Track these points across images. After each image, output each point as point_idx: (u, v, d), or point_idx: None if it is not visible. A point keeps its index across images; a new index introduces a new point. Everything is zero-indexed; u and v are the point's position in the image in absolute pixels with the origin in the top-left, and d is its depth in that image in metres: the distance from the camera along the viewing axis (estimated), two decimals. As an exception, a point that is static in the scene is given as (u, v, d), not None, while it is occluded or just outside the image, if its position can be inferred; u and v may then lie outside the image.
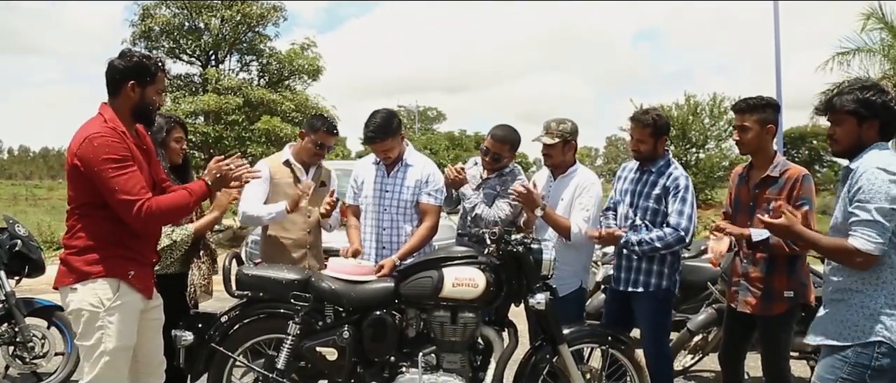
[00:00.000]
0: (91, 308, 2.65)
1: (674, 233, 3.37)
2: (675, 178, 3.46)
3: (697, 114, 21.95)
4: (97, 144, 2.57)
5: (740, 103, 3.25)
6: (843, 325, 2.44)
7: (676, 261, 3.53)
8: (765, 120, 3.18)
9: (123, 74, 2.69)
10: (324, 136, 3.78)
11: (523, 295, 3.25)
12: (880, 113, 2.43)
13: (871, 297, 2.39)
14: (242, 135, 15.84)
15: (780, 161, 3.20)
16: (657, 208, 3.46)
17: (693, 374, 4.89)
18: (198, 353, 3.23)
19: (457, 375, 3.17)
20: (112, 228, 2.67)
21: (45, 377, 4.39)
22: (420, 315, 3.23)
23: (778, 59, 13.02)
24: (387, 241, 3.66)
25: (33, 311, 4.41)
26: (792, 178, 3.11)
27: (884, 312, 2.36)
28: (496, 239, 3.30)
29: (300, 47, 17.58)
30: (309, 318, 3.22)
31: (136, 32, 16.68)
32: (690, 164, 21.48)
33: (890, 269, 2.37)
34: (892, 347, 2.35)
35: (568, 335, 3.32)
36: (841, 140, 2.52)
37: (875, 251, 2.31)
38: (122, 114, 2.72)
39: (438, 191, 3.69)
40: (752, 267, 3.25)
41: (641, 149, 3.52)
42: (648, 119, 3.49)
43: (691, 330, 4.44)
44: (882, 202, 2.30)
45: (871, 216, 2.31)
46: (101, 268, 2.66)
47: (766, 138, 3.21)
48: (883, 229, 2.30)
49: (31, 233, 4.54)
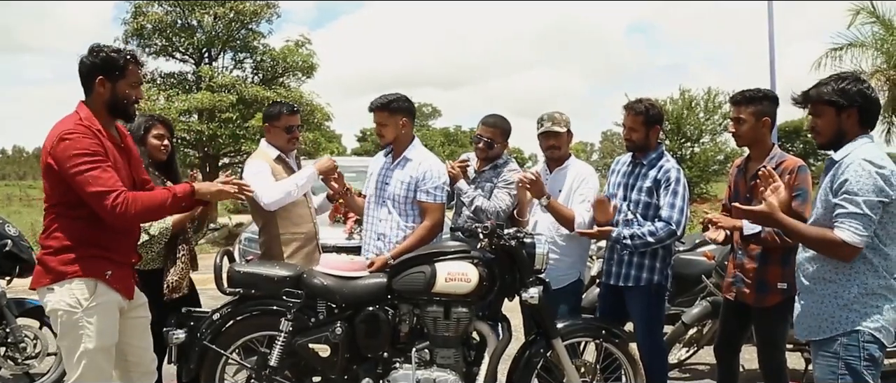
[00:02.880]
0: (68, 308, 2.62)
1: (665, 228, 3.35)
2: (666, 171, 3.44)
3: (692, 109, 22.01)
4: (69, 142, 2.54)
5: (737, 95, 3.27)
6: (820, 319, 2.47)
7: (668, 255, 3.52)
8: (761, 112, 3.19)
9: (91, 70, 2.66)
10: (288, 119, 3.74)
11: (517, 290, 3.24)
12: (857, 100, 2.45)
13: (845, 287, 2.41)
14: (236, 133, 15.81)
15: (776, 153, 3.22)
16: (649, 201, 3.45)
17: (688, 367, 4.89)
18: (190, 351, 3.21)
19: (450, 370, 3.15)
20: (88, 228, 2.63)
21: (38, 377, 4.36)
22: (413, 310, 3.21)
23: (772, 55, 13.01)
24: (382, 232, 3.64)
25: (25, 312, 4.37)
26: (787, 170, 3.11)
27: (858, 301, 2.39)
28: (489, 233, 3.29)
29: (295, 44, 17.54)
30: (301, 315, 3.20)
31: (128, 30, 16.64)
32: (685, 158, 21.53)
33: (863, 260, 2.39)
34: (873, 335, 2.38)
35: (562, 329, 3.31)
36: (823, 131, 2.53)
37: (860, 244, 2.32)
38: (97, 111, 2.68)
39: (438, 188, 3.57)
40: (746, 258, 3.26)
41: (633, 137, 3.51)
42: (641, 107, 3.48)
43: (686, 324, 4.45)
44: (870, 195, 2.31)
45: (859, 209, 2.31)
46: (76, 267, 2.62)
47: (763, 131, 3.22)
48: (869, 222, 2.32)
49: (22, 233, 4.50)
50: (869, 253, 2.38)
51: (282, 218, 3.67)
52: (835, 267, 2.43)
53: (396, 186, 3.61)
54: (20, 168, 69.74)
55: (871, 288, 2.39)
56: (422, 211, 3.59)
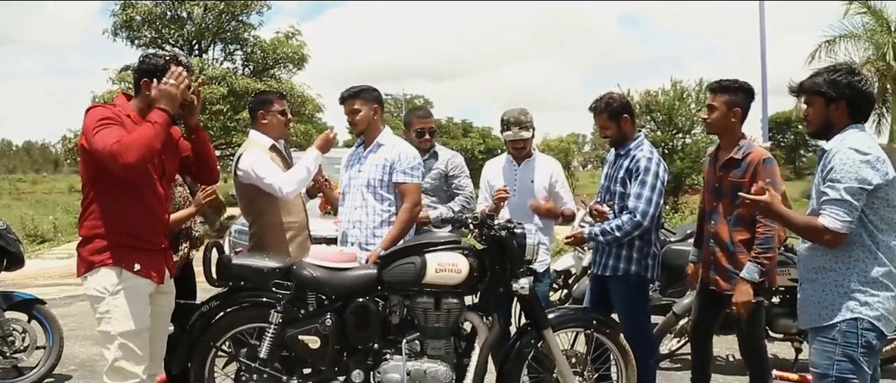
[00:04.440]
0: (97, 293, 2.76)
1: (630, 220, 3.33)
2: (636, 160, 3.42)
3: (684, 100, 21.99)
4: (92, 112, 2.73)
5: (713, 83, 3.35)
6: (820, 306, 2.50)
7: (647, 245, 3.46)
8: (733, 102, 3.25)
9: (139, 74, 2.89)
10: (280, 102, 3.76)
11: (507, 281, 3.23)
12: (846, 93, 2.48)
13: (844, 275, 2.45)
14: (227, 125, 15.74)
15: (744, 143, 3.26)
16: (623, 191, 3.45)
17: (679, 357, 4.90)
18: (179, 343, 3.19)
19: (441, 361, 3.15)
20: (119, 213, 2.76)
21: (27, 371, 4.34)
22: (403, 301, 3.20)
23: (763, 47, 13.08)
24: (357, 219, 3.67)
25: (13, 305, 4.35)
26: (754, 162, 3.17)
27: (857, 290, 2.42)
28: (479, 224, 3.28)
29: (285, 36, 17.45)
30: (291, 306, 3.19)
31: (117, 22, 16.50)
32: (677, 150, 21.54)
33: (861, 248, 2.42)
34: (872, 323, 2.40)
35: (552, 320, 3.31)
36: (812, 120, 2.59)
37: (842, 229, 2.36)
38: (141, 107, 2.85)
39: (414, 168, 3.66)
40: (717, 247, 3.32)
41: (608, 134, 3.57)
42: (602, 104, 3.51)
43: (677, 314, 4.46)
44: (851, 181, 2.35)
45: (839, 195, 2.36)
46: (105, 256, 2.75)
47: (733, 121, 3.27)
48: (851, 208, 2.35)
49: (10, 226, 4.47)
50: (867, 239, 2.42)
51: (280, 207, 3.63)
52: (834, 256, 2.45)
53: (371, 170, 3.66)
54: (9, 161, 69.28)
55: (870, 277, 2.42)
56: (400, 193, 3.65)
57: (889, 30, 14.30)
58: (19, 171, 50.02)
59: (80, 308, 6.90)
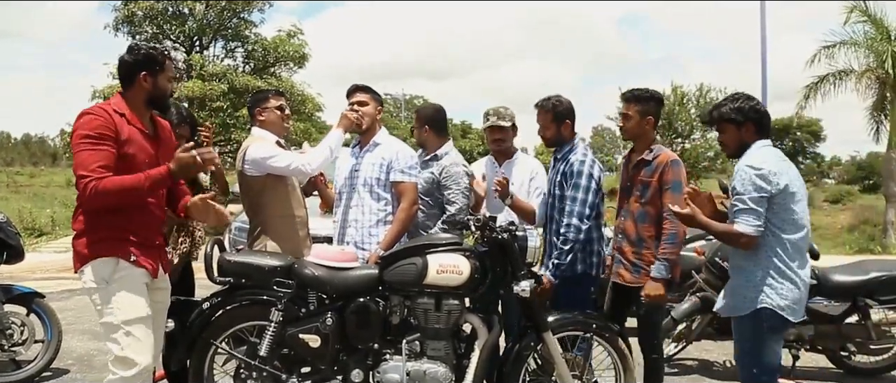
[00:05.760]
0: (94, 284, 2.74)
1: (567, 230, 3.44)
2: (570, 164, 3.52)
3: (684, 105, 22.01)
4: (81, 121, 2.68)
5: (626, 93, 3.57)
6: (736, 298, 2.93)
7: (589, 243, 3.53)
8: (645, 111, 3.49)
9: (134, 67, 2.82)
10: (276, 98, 3.77)
11: (508, 283, 3.24)
12: (751, 115, 2.92)
13: (753, 272, 2.87)
14: (227, 122, 15.73)
15: (655, 147, 3.48)
16: (561, 194, 3.55)
17: (677, 362, 4.92)
18: (179, 340, 3.19)
19: (441, 362, 3.15)
20: (112, 212, 2.72)
21: (25, 364, 4.34)
22: (404, 301, 3.21)
23: (764, 51, 13.13)
24: (354, 218, 3.69)
25: (12, 298, 4.35)
26: (662, 163, 3.40)
27: (764, 283, 2.84)
28: (481, 225, 3.29)
29: (286, 34, 17.46)
30: (292, 305, 3.19)
31: (118, 17, 16.48)
32: (677, 154, 21.56)
33: (766, 249, 2.83)
34: (773, 311, 2.82)
35: (552, 323, 3.32)
36: (728, 144, 3.00)
37: (754, 232, 2.79)
38: (136, 104, 2.83)
39: (411, 167, 3.69)
40: (625, 242, 3.51)
41: (545, 135, 3.67)
42: (549, 104, 3.62)
43: (675, 319, 4.48)
44: (752, 192, 2.77)
45: (745, 205, 2.78)
46: (98, 249, 2.74)
47: (646, 128, 3.51)
48: (758, 214, 2.77)
49: (10, 219, 4.46)
50: (771, 240, 2.82)
51: (286, 200, 3.63)
52: (744, 256, 2.89)
53: (368, 169, 3.68)
54: (7, 154, 69.07)
55: (774, 272, 2.83)
56: (398, 192, 3.67)
57: (889, 38, 14.31)
58: (17, 164, 49.79)
59: (78, 302, 6.89)
